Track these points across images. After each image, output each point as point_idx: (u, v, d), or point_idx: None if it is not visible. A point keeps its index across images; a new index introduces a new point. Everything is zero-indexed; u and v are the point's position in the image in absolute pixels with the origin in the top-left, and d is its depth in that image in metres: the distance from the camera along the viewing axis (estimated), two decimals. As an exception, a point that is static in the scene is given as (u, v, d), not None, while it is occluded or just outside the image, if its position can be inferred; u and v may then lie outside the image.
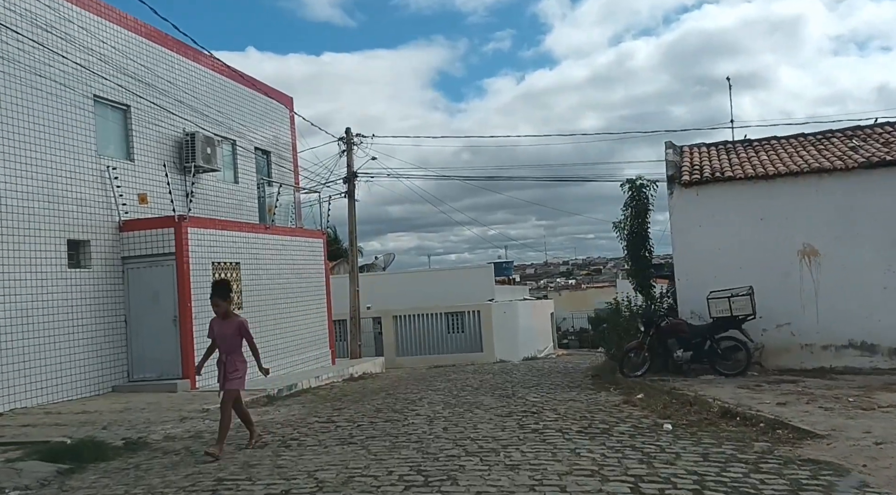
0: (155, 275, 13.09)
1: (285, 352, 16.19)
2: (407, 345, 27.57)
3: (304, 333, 17.21)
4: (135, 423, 9.19)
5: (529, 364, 19.41)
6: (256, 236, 15.60)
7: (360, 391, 12.97)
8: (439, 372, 17.54)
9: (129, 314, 13.09)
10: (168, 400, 11.49)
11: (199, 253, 13.46)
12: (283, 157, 19.31)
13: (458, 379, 14.11)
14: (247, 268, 15.01)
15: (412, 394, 11.48)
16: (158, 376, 12.96)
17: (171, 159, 14.72)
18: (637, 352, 11.98)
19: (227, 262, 14.38)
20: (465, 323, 27.54)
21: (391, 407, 9.82)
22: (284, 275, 16.56)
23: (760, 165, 12.49)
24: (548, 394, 10.63)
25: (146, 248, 13.08)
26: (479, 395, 10.78)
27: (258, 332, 15.07)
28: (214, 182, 16.16)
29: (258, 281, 15.39)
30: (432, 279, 30.87)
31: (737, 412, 8.11)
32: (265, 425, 8.69)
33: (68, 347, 11.75)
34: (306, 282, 17.65)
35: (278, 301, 16.13)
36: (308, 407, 10.40)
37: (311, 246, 18.15)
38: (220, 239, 14.17)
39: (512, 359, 26.78)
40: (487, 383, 12.90)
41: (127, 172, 13.42)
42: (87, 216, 12.41)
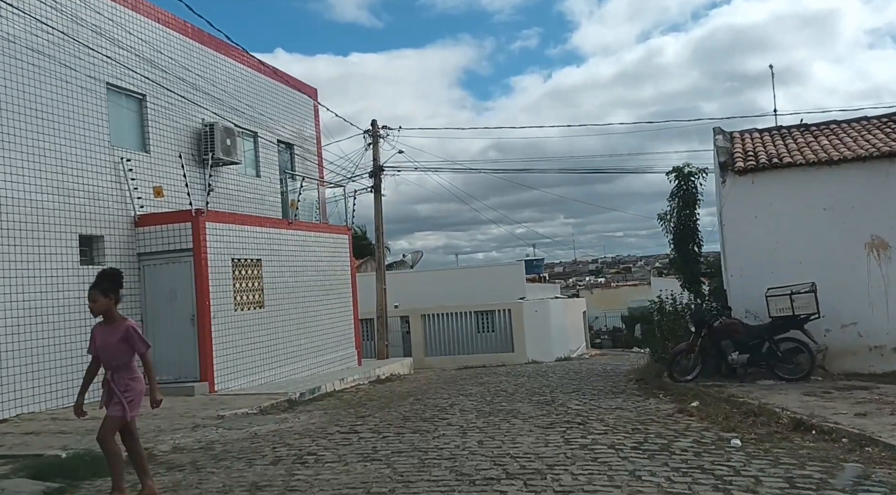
0: (172, 273, 12.46)
1: (309, 352, 15.50)
2: (435, 345, 26.78)
3: (328, 333, 16.51)
4: (144, 432, 8.48)
5: (564, 365, 18.47)
6: (279, 232, 14.92)
7: (387, 395, 12.19)
8: (470, 374, 16.70)
9: (146, 313, 12.48)
10: (183, 404, 10.82)
11: (218, 249, 12.80)
12: (307, 151, 18.63)
13: (490, 383, 13.25)
14: (269, 265, 14.33)
15: (442, 400, 10.65)
16: (176, 378, 12.32)
17: (188, 151, 14.10)
18: (687, 354, 11.00)
19: (247, 259, 13.70)
20: (496, 322, 26.68)
21: (420, 415, 9.00)
22: (308, 273, 15.87)
23: (822, 150, 11.40)
24: (591, 401, 9.72)
25: (162, 244, 12.46)
26: (516, 402, 9.91)
27: (281, 332, 14.49)
28: (235, 175, 15.51)
29: (281, 278, 14.70)
30: (461, 277, 30.03)
31: (811, 424, 7.13)
32: (282, 435, 7.93)
33: (81, 349, 11.14)
34: (331, 280, 16.94)
35: (302, 299, 15.43)
36: (330, 414, 9.63)
37: (336, 242, 17.44)
38: (240, 234, 13.50)
39: (544, 359, 25.86)
40: (523, 387, 12.02)
41: (142, 164, 12.81)
42: (100, 210, 11.81)
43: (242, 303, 13.43)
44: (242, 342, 13.19)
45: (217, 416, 9.49)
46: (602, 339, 43.16)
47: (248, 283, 13.66)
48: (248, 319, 13.46)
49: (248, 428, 8.58)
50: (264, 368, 13.76)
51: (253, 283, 13.83)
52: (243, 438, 7.86)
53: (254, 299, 13.81)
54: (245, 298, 13.53)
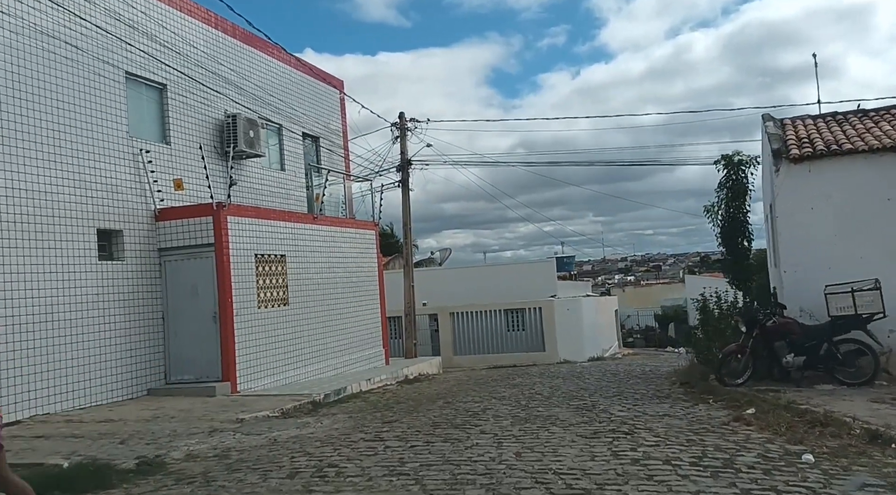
0: (193, 268, 12.02)
1: (335, 351, 14.99)
2: (464, 344, 26.17)
3: (355, 331, 15.99)
4: (158, 436, 8.03)
5: (599, 366, 17.72)
6: (303, 227, 14.42)
7: (415, 397, 11.61)
8: (501, 374, 16.05)
9: (167, 310, 12.07)
10: (203, 406, 10.36)
11: (241, 244, 12.34)
12: (333, 145, 18.14)
13: (524, 385, 12.60)
14: (293, 261, 13.84)
15: (474, 404, 10.02)
16: (197, 378, 11.89)
17: (210, 143, 13.67)
18: (737, 356, 10.22)
19: (271, 254, 13.22)
20: (526, 320, 25.96)
21: (450, 420, 8.39)
22: (334, 269, 15.36)
23: (885, 136, 10.53)
24: (635, 406, 9.02)
25: (184, 239, 12.02)
26: (553, 407, 9.24)
27: (306, 330, 13.99)
28: (258, 169, 15.06)
29: (305, 274, 14.21)
30: (491, 274, 29.38)
31: (891, 437, 6.37)
32: (302, 442, 7.38)
33: (98, 347, 10.76)
34: (357, 277, 16.42)
35: (327, 296, 14.93)
36: (355, 419, 9.07)
37: (362, 237, 16.91)
38: (263, 229, 13.02)
39: (576, 359, 25.10)
40: (559, 390, 11.35)
41: (162, 156, 12.39)
42: (118, 204, 11.41)
43: (266, 301, 12.96)
44: (266, 340, 12.72)
45: (236, 420, 8.99)
46: (634, 338, 42.15)
47: (271, 280, 13.19)
48: (272, 317, 12.99)
49: (267, 433, 8.06)
50: (288, 368, 13.28)
51: (277, 280, 13.36)
52: (261, 445, 7.33)
53: (278, 296, 13.33)
54: (269, 295, 13.06)
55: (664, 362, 19.18)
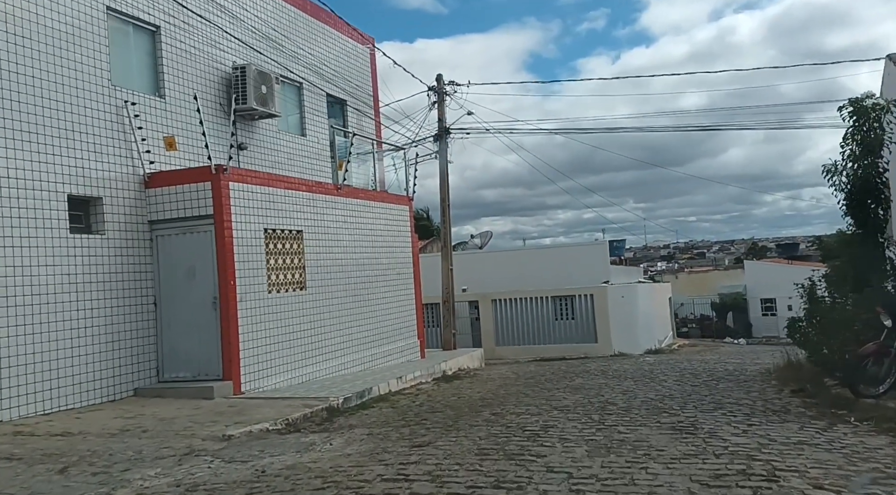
0: (190, 245, 10.06)
1: (362, 343, 12.95)
2: (508, 334, 23.96)
3: (385, 320, 13.92)
4: (114, 461, 6.05)
5: (667, 361, 15.33)
6: (325, 199, 12.36)
7: (455, 403, 9.47)
8: (554, 371, 13.82)
9: (160, 294, 10.14)
10: (191, 413, 8.39)
11: (247, 216, 10.32)
12: (362, 109, 16.03)
13: (587, 388, 10.35)
14: (311, 238, 11.80)
15: (529, 416, 7.82)
16: (195, 375, 9.96)
17: (216, 99, 11.67)
18: (878, 358, 7.81)
19: (284, 230, 11.20)
20: (576, 308, 23.60)
21: (501, 446, 6.21)
22: (361, 248, 13.28)
23: None
24: (751, 427, 6.72)
25: (178, 209, 10.06)
26: (638, 425, 6.99)
27: (326, 319, 11.92)
28: (274, 132, 13.03)
29: (326, 254, 12.15)
30: (536, 258, 27.05)
31: None
32: (296, 479, 5.28)
33: (70, 340, 8.87)
34: (389, 258, 14.33)
35: (352, 280, 12.87)
36: (376, 437, 6.97)
37: (394, 213, 14.80)
38: (275, 199, 10.99)
39: (631, 351, 22.73)
40: (635, 397, 9.08)
41: (154, 111, 10.42)
42: (97, 166, 9.47)
43: (278, 284, 10.95)
44: (277, 331, 10.73)
45: (222, 437, 6.97)
46: (689, 328, 39.37)
47: (285, 260, 11.17)
48: (285, 303, 10.98)
49: (256, 459, 6.01)
50: (305, 363, 11.28)
51: (292, 260, 11.34)
52: (241, 481, 5.28)
53: (293, 279, 11.31)
54: (282, 278, 11.05)
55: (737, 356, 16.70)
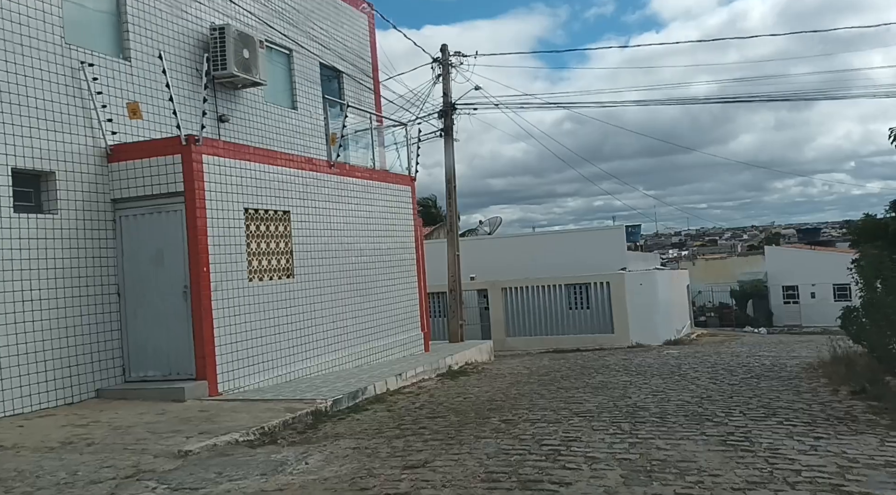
0: (158, 226, 8.87)
1: (359, 336, 11.76)
2: (519, 324, 22.71)
3: (385, 311, 12.72)
4: (38, 486, 4.89)
5: (693, 354, 14.04)
6: (316, 176, 11.13)
7: (459, 405, 8.26)
8: (570, 366, 12.59)
9: (124, 283, 8.97)
10: (155, 419, 7.22)
11: (223, 193, 9.11)
12: (359, 79, 14.76)
13: (610, 386, 9.11)
14: (300, 220, 10.59)
15: (547, 426, 6.59)
16: (166, 375, 8.80)
17: (191, 64, 10.44)
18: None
19: (269, 210, 9.98)
20: (591, 297, 22.29)
21: (515, 467, 4.99)
22: (357, 232, 12.07)
23: None
24: (817, 440, 5.47)
25: (145, 186, 8.85)
26: (678, 437, 5.75)
27: (318, 309, 10.66)
28: (259, 104, 11.81)
29: (318, 238, 10.95)
30: (549, 244, 25.75)
31: None
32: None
33: (16, 335, 7.71)
34: (389, 242, 13.11)
35: (348, 266, 11.67)
36: (362, 452, 5.76)
37: (395, 194, 13.56)
38: (256, 175, 9.77)
39: (650, 342, 21.45)
40: (668, 399, 7.84)
41: (118, 75, 9.20)
42: (48, 136, 8.26)
43: (261, 271, 9.76)
44: (260, 324, 9.54)
45: (178, 453, 5.78)
46: (707, 317, 37.94)
47: (269, 244, 9.97)
48: (269, 292, 9.79)
49: (209, 487, 4.82)
50: (293, 359, 10.10)
51: (277, 244, 10.13)
52: (177, 523, 4.09)
53: (278, 265, 10.11)
54: (265, 264, 9.85)
55: (767, 348, 15.41)
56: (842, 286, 36.53)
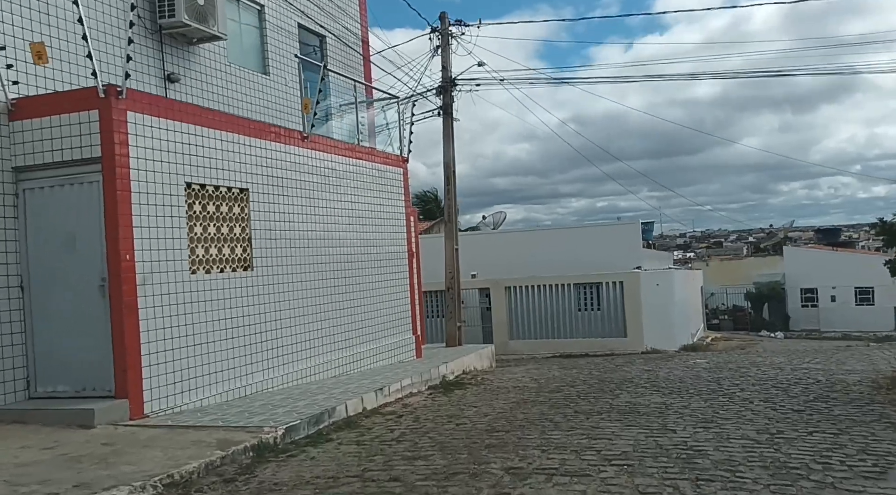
0: (70, 202, 7.01)
1: (336, 341, 9.90)
2: (523, 326, 20.83)
3: (370, 312, 10.84)
4: None
5: (724, 364, 12.10)
6: (284, 150, 9.26)
7: (449, 437, 6.38)
8: (585, 379, 10.70)
9: (28, 273, 7.10)
10: (36, 457, 5.35)
11: (156, 163, 7.24)
12: (346, 41, 12.87)
13: (642, 411, 7.22)
14: (263, 201, 8.72)
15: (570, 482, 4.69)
16: (79, 390, 6.95)
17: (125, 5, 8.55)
18: None
19: (220, 187, 8.11)
20: (603, 297, 20.41)
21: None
22: (337, 218, 10.20)
23: None
24: None
25: (54, 150, 6.98)
26: None
27: (281, 308, 8.80)
28: (221, 64, 9.94)
29: (285, 223, 9.08)
30: (557, 240, 23.86)
31: None
32: None
33: None
34: (376, 232, 11.24)
35: (324, 258, 9.80)
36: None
37: (384, 176, 11.68)
38: (204, 143, 7.90)
39: (666, 347, 19.61)
40: (725, 433, 5.94)
41: (20, 11, 7.33)
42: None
43: (208, 261, 7.89)
44: (207, 326, 7.67)
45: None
46: (721, 320, 36.02)
47: (220, 228, 8.10)
48: (219, 287, 7.92)
49: None
50: (251, 370, 8.23)
51: (231, 228, 8.26)
52: None
53: (232, 255, 8.24)
54: (214, 252, 7.98)
55: (799, 356, 13.46)
56: (864, 289, 34.66)
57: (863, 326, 31.76)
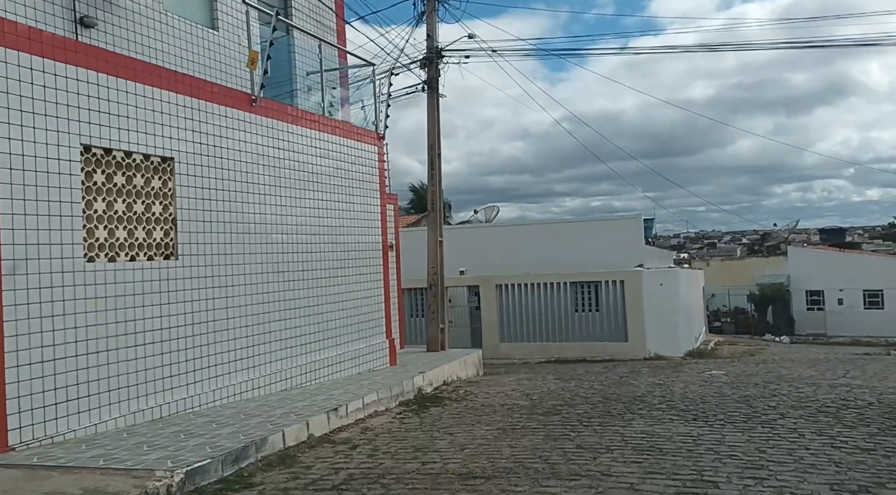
0: (-79, 166, 5.30)
1: (290, 347, 8.25)
2: (515, 328, 19.15)
3: (331, 312, 9.19)
4: None
5: (744, 375, 10.46)
6: (225, 113, 7.59)
7: (411, 480, 4.75)
8: (584, 393, 9.06)
9: None
10: None
11: (37, 116, 5.56)
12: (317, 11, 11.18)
13: (664, 446, 5.58)
14: (193, 174, 7.05)
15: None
16: (-73, 412, 5.24)
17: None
18: None
19: (132, 154, 6.43)
20: (602, 298, 18.75)
21: None
22: (292, 200, 8.53)
23: None
24: None
25: None
26: None
27: (215, 306, 6.78)
28: (153, 12, 8.20)
29: (223, 203, 7.41)
30: (553, 235, 22.23)
31: None
32: None
33: None
34: (342, 219, 9.58)
35: (274, 247, 8.14)
36: None
37: (354, 153, 10.03)
38: (111, 96, 6.22)
39: (670, 353, 18.02)
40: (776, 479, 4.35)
41: None
42: None
43: (113, 247, 6.21)
44: (108, 329, 6.01)
45: None
46: (723, 323, 34.45)
47: (132, 205, 6.43)
48: (128, 279, 6.25)
49: None
50: (168, 384, 6.57)
51: (148, 206, 6.58)
52: None
53: (147, 239, 6.56)
54: (122, 235, 6.31)
55: (826, 365, 11.86)
56: (873, 292, 33.17)
57: (872, 331, 30.25)
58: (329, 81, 10.91)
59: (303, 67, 10.50)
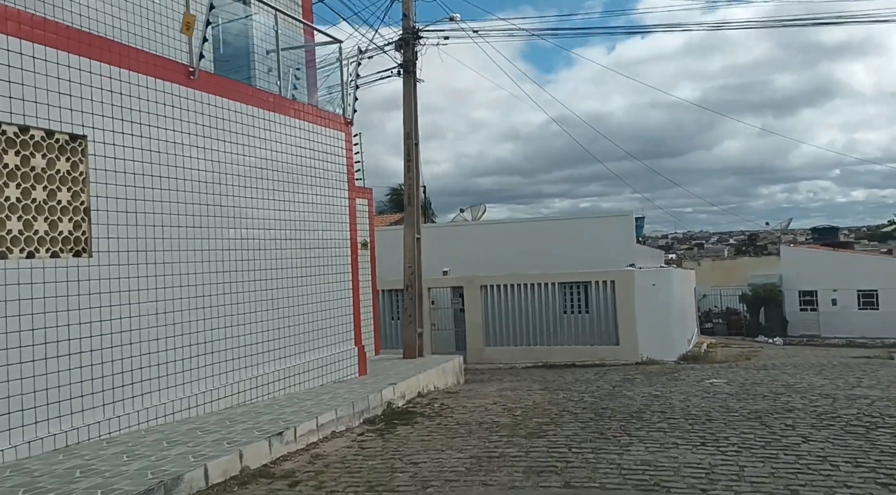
0: None
1: (239, 357, 7.16)
2: (501, 330, 18.13)
3: (289, 317, 8.10)
4: None
5: (750, 384, 9.46)
6: (155, 87, 6.49)
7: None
8: (574, 406, 8.03)
9: None
10: None
11: None
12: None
13: (675, 483, 4.53)
14: (113, 156, 5.95)
15: None
16: None
17: None
18: None
19: (27, 129, 5.33)
20: (592, 299, 17.77)
21: None
22: (241, 190, 7.44)
23: None
24: None
25: None
26: None
27: (139, 312, 5.77)
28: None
29: (150, 191, 6.31)
30: (540, 234, 21.21)
31: None
32: None
33: None
34: (302, 213, 8.50)
35: (215, 244, 7.04)
36: None
37: (317, 140, 8.95)
38: (3, 59, 5.11)
39: (663, 357, 17.05)
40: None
41: None
42: None
43: (3, 240, 5.11)
44: (-7, 342, 4.90)
45: None
46: (714, 324, 33.59)
47: (28, 192, 5.33)
48: (21, 281, 5.16)
49: None
50: (79, 407, 5.47)
51: (51, 194, 5.48)
52: None
53: (51, 233, 5.46)
54: (16, 229, 5.21)
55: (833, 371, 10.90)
56: (868, 293, 32.40)
57: (867, 332, 29.49)
58: (292, 61, 9.87)
59: (263, 45, 9.43)
